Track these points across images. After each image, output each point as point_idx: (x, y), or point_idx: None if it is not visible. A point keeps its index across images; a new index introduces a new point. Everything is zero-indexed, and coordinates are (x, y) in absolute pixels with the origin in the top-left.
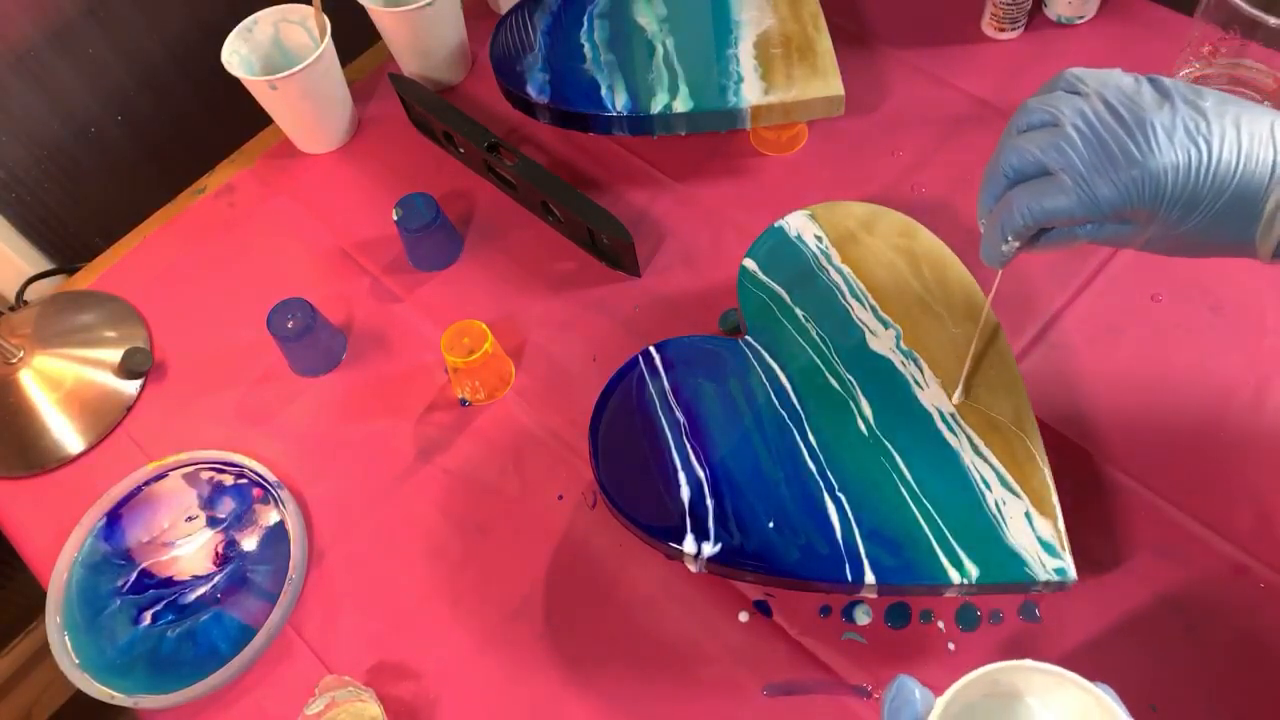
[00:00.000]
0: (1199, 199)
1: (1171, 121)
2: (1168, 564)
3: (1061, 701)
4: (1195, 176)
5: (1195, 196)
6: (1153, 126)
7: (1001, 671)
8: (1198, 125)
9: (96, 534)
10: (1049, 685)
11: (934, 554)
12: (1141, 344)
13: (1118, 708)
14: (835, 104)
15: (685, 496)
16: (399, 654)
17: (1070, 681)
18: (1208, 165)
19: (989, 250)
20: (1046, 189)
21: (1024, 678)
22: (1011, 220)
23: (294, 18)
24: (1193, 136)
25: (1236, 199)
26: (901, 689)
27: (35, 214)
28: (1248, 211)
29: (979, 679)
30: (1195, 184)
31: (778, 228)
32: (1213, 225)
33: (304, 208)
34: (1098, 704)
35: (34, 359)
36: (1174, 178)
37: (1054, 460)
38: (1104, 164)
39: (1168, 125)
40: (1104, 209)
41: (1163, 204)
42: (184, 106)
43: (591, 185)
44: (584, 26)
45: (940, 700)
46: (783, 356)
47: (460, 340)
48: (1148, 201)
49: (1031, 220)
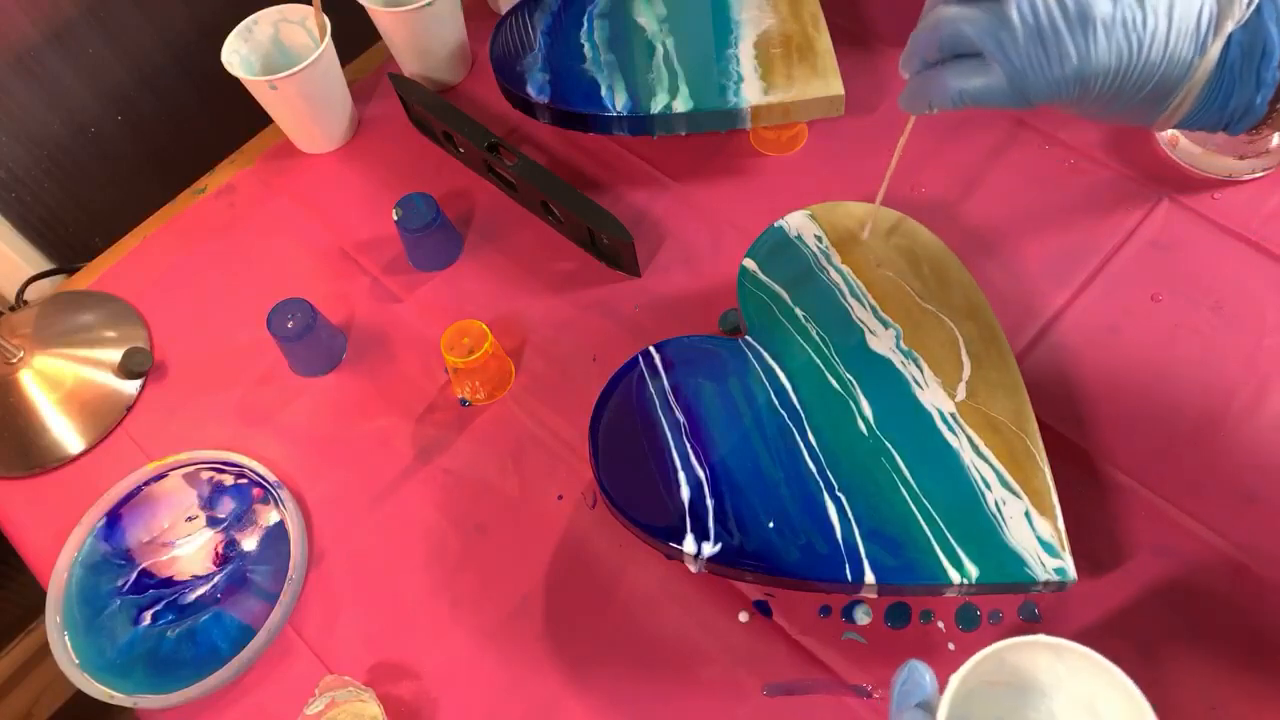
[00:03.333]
0: (1120, 97)
1: (1112, 15)
2: (1168, 564)
3: (1072, 690)
4: (1121, 79)
5: (1118, 95)
6: (1094, 24)
7: (1011, 649)
8: (1134, 18)
9: (96, 534)
10: (1059, 672)
11: (934, 554)
12: (1141, 344)
13: (1131, 685)
14: (835, 104)
15: (685, 496)
16: (399, 654)
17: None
18: (1136, 66)
19: (910, 104)
20: (977, 75)
21: (1032, 659)
22: (939, 97)
23: (294, 18)
24: (1128, 33)
25: (1152, 94)
26: (913, 672)
27: (35, 214)
28: (1158, 105)
29: (989, 656)
30: (1120, 85)
31: (778, 228)
32: (1124, 112)
33: (304, 208)
34: (1110, 684)
35: (34, 359)
36: (1103, 81)
37: (1054, 460)
38: (1040, 61)
39: (1108, 20)
40: (1030, 101)
41: (1086, 100)
42: (184, 106)
43: (591, 185)
44: (584, 26)
45: (954, 677)
46: (783, 356)
47: (460, 340)
48: (1073, 98)
49: (960, 103)
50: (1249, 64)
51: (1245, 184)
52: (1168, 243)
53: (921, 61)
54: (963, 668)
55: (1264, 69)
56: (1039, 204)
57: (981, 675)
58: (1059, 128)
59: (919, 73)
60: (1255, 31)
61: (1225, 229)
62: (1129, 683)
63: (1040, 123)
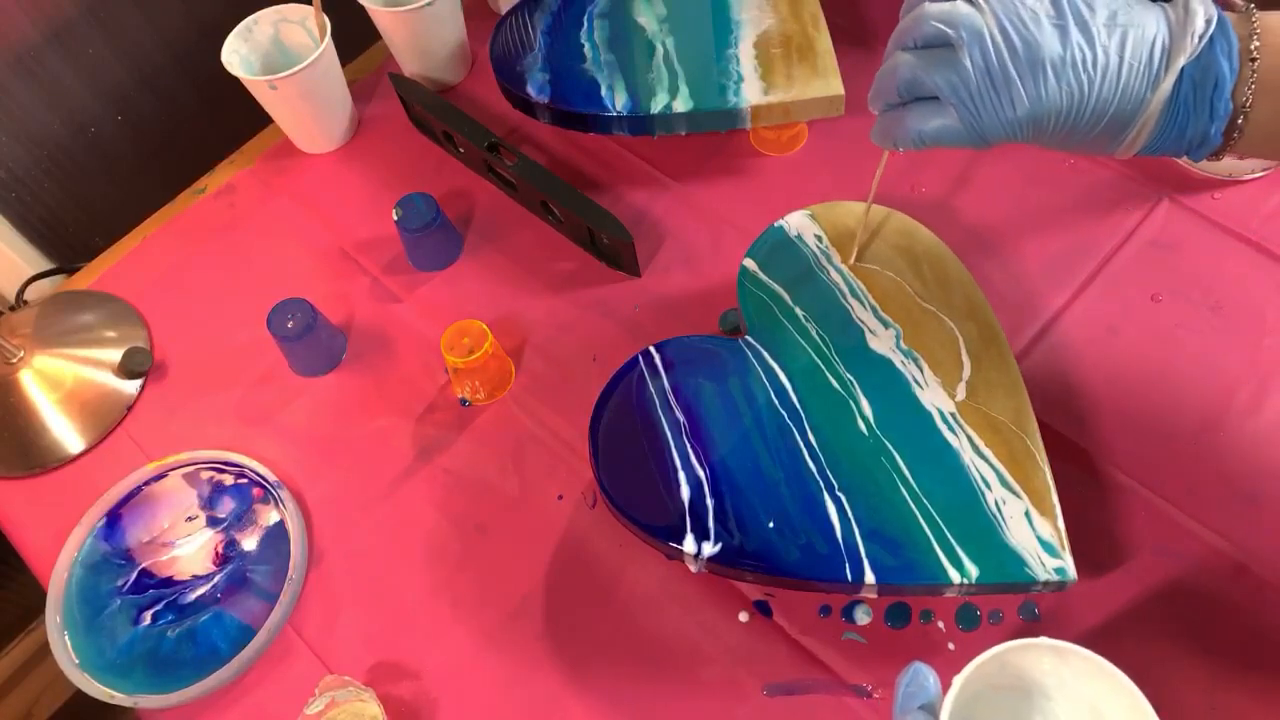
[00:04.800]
0: (1075, 133)
1: (1062, 58)
2: (1168, 564)
3: (1075, 692)
4: (1075, 117)
5: (1072, 131)
6: (1044, 67)
7: (1013, 651)
8: (1085, 58)
9: (96, 534)
10: (1062, 675)
11: (934, 554)
12: (1141, 344)
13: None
14: (835, 104)
15: (685, 496)
16: (399, 654)
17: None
18: (1089, 104)
19: (880, 140)
20: (935, 117)
21: (1035, 661)
22: (902, 138)
23: (294, 18)
24: (1079, 73)
25: (1107, 129)
26: (916, 675)
27: (35, 214)
28: (1113, 138)
29: (992, 659)
30: (1074, 123)
31: (778, 228)
32: (1081, 146)
33: (304, 208)
34: (1114, 688)
35: (34, 359)
36: (1056, 120)
37: (1054, 460)
38: (993, 104)
39: (1058, 62)
40: (987, 141)
41: (1042, 138)
42: (184, 106)
43: (591, 185)
44: (584, 26)
45: (957, 679)
46: (783, 356)
47: (460, 340)
48: (1028, 137)
49: (920, 143)
50: (1201, 96)
51: (1245, 184)
52: (1168, 243)
53: (885, 103)
54: (965, 670)
55: (1216, 100)
56: (1039, 204)
57: (984, 678)
58: None
59: (883, 113)
60: (1207, 66)
61: (1225, 229)
62: (1132, 686)
63: None
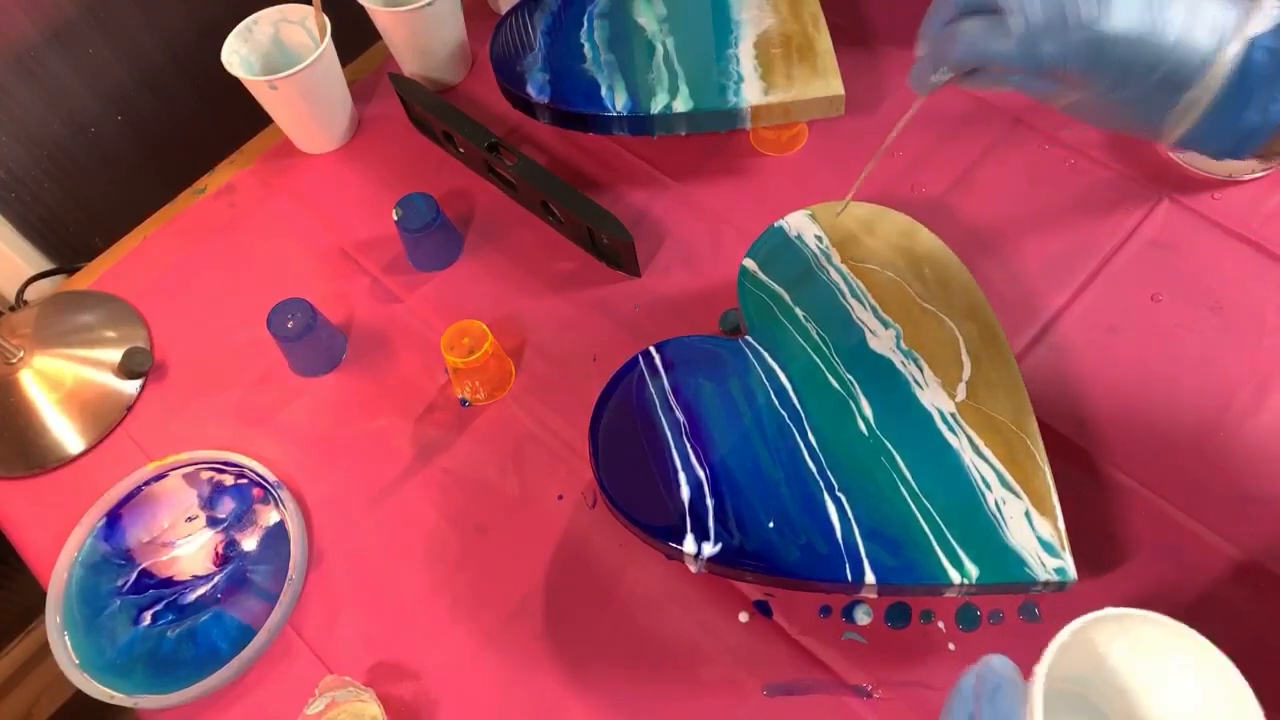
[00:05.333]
0: (1131, 74)
1: None
2: (1168, 564)
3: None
4: (1134, 53)
5: (1129, 71)
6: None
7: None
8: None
9: (96, 534)
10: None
11: (934, 554)
12: (1141, 344)
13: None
14: (835, 104)
15: (685, 496)
16: (399, 654)
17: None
18: (1150, 43)
19: (919, 75)
20: (992, 32)
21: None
22: (952, 53)
23: (294, 18)
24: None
25: (1164, 82)
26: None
27: (35, 214)
28: (1169, 98)
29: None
30: (1133, 58)
31: (778, 228)
32: (1135, 103)
33: (304, 208)
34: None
35: (34, 359)
36: (1116, 48)
37: (1054, 460)
38: (1056, 20)
39: None
40: (1042, 64)
41: (1098, 71)
42: (184, 106)
43: (591, 185)
44: (584, 26)
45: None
46: (783, 356)
47: (460, 340)
48: (1085, 65)
49: (970, 59)
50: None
51: (1245, 184)
52: (1168, 243)
53: (940, 23)
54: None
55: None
56: (1039, 204)
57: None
58: (1059, 127)
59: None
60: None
61: (1225, 229)
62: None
63: (1040, 123)
